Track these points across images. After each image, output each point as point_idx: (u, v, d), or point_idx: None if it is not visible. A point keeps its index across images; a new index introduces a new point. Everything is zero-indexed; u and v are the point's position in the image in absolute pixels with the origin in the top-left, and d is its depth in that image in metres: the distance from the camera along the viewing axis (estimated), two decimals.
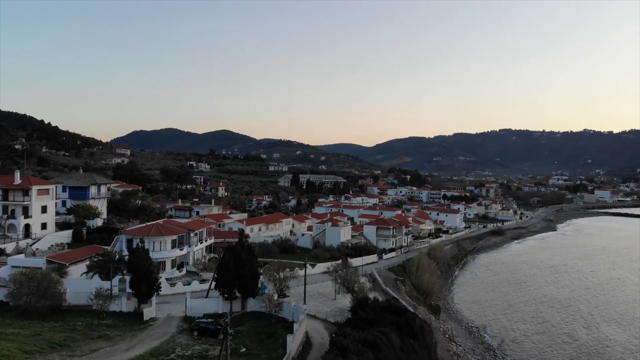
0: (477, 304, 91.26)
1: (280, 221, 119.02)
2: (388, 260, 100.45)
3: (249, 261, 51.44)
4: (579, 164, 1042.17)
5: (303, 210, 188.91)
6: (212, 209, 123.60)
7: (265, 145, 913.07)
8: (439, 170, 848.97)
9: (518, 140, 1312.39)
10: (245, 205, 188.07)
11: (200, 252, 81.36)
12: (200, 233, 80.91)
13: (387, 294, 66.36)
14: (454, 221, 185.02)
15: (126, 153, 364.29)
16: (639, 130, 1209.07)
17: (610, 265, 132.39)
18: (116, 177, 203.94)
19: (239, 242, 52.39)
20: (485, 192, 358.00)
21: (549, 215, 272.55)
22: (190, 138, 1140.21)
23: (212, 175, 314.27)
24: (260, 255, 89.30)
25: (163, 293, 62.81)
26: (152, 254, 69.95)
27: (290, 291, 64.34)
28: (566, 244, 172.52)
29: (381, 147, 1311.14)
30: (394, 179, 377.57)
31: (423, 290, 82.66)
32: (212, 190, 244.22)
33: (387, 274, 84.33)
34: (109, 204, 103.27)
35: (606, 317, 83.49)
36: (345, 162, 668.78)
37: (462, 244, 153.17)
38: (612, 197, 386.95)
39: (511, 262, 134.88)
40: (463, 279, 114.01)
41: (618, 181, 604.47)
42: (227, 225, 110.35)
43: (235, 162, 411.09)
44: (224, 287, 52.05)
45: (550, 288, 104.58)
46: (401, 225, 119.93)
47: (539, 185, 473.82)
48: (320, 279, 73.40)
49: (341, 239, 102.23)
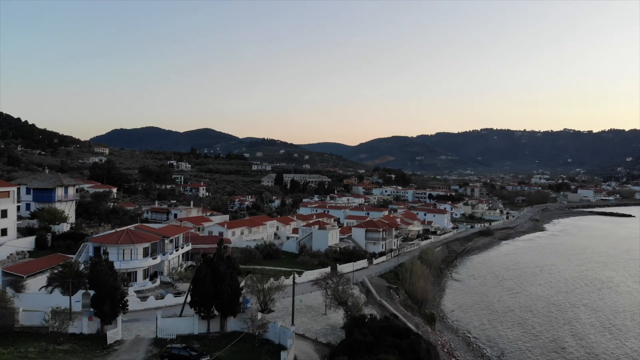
0: (472, 311, 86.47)
1: (263, 224, 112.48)
2: (378, 265, 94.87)
3: (228, 275, 45.09)
4: (559, 163, 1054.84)
5: (287, 211, 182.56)
6: (191, 211, 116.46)
7: (248, 144, 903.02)
8: (422, 170, 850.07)
9: (499, 139, 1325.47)
10: (227, 206, 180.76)
11: (176, 260, 74.53)
12: (176, 239, 74.04)
13: (383, 307, 60.54)
14: (441, 222, 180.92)
15: (104, 152, 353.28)
16: (618, 130, 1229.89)
17: (602, 266, 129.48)
18: (92, 177, 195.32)
19: (217, 253, 45.95)
20: (470, 191, 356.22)
21: (534, 214, 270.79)
22: (172, 137, 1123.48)
23: (193, 174, 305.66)
24: (243, 262, 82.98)
25: (133, 309, 56.00)
26: (122, 264, 63.31)
27: (276, 305, 58.24)
28: (555, 244, 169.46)
29: (365, 146, 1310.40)
30: (379, 178, 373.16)
31: (417, 298, 77.22)
32: (193, 191, 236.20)
33: (379, 281, 78.60)
34: (78, 206, 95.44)
35: (606, 324, 79.26)
36: (329, 161, 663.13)
37: (452, 245, 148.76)
38: (595, 196, 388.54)
39: (502, 265, 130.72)
40: (455, 283, 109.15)
41: (599, 180, 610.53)
42: (207, 228, 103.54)
43: (217, 161, 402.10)
44: (200, 305, 45.56)
45: (545, 291, 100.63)
46: (390, 228, 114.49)
47: (522, 185, 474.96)
48: (308, 289, 67.26)
49: (329, 243, 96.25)
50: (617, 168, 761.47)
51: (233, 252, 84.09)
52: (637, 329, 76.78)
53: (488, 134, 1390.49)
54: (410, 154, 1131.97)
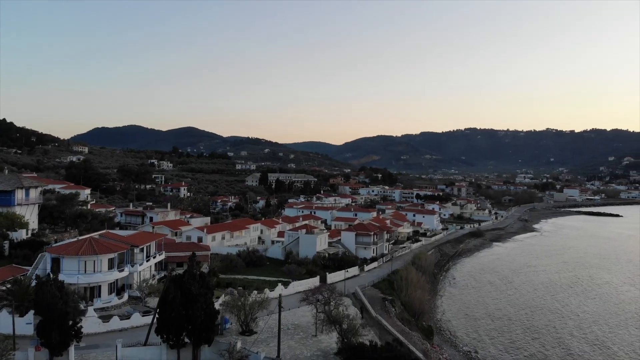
0: (470, 320, 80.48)
1: (246, 227, 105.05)
2: (370, 272, 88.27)
3: (202, 297, 37.84)
4: (542, 163, 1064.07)
5: (272, 212, 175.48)
6: (168, 214, 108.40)
7: (232, 143, 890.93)
8: (407, 169, 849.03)
9: (483, 139, 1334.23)
10: (209, 207, 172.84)
11: (148, 271, 66.85)
12: (148, 247, 66.32)
13: (381, 326, 53.79)
14: (431, 222, 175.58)
15: (84, 150, 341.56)
16: (599, 130, 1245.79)
17: (601, 269, 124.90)
18: (68, 177, 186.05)
19: (188, 270, 38.64)
20: (457, 191, 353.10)
21: (523, 214, 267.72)
22: (155, 135, 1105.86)
23: (174, 174, 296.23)
24: (223, 271, 75.70)
25: (93, 331, 48.58)
26: (83, 278, 55.60)
27: (259, 324, 51.06)
28: (548, 246, 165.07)
29: (350, 145, 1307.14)
30: (366, 178, 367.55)
31: (414, 310, 70.77)
32: (174, 191, 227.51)
33: (372, 292, 71.95)
34: (42, 210, 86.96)
35: (609, 331, 73.93)
36: (314, 160, 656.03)
37: (444, 248, 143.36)
38: (581, 195, 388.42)
39: (496, 268, 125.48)
40: (449, 289, 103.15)
41: (582, 179, 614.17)
42: (185, 233, 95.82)
43: (200, 160, 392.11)
44: (169, 332, 38.24)
45: (543, 297, 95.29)
46: (382, 231, 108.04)
47: (508, 184, 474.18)
48: (295, 303, 60.20)
49: (317, 248, 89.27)
50: (599, 167, 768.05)
51: (212, 261, 76.80)
52: None
53: (472, 133, 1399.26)
54: (395, 153, 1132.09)
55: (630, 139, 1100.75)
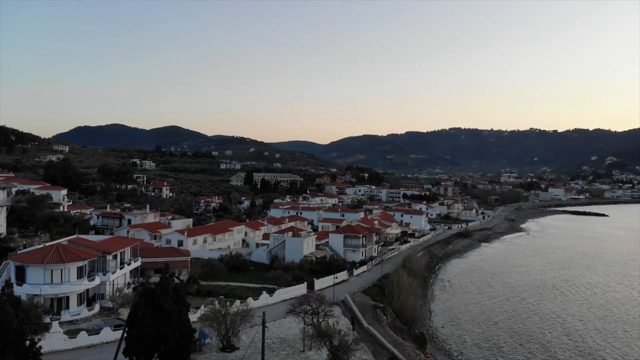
0: (462, 325, 77.63)
1: (230, 230, 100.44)
2: (360, 277, 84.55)
3: (176, 313, 33.66)
4: (525, 162, 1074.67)
5: (257, 213, 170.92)
6: (147, 216, 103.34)
7: (217, 142, 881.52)
8: (392, 168, 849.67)
9: (467, 138, 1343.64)
10: (191, 208, 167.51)
11: (123, 279, 62.16)
12: (122, 254, 61.66)
13: (374, 338, 49.97)
14: (419, 223, 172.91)
15: (64, 149, 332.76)
16: (582, 130, 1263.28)
17: (585, 269, 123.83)
18: (47, 177, 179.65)
19: (160, 284, 34.39)
20: (444, 190, 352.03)
21: (509, 214, 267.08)
22: (137, 134, 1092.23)
23: (157, 174, 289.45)
24: (204, 278, 71.29)
25: (58, 348, 44.11)
26: (48, 289, 50.91)
27: (242, 339, 46.98)
28: (536, 246, 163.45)
29: (336, 144, 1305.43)
30: (352, 178, 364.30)
31: (406, 318, 67.22)
32: (156, 191, 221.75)
33: (362, 299, 68.15)
34: (10, 213, 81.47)
35: (609, 338, 71.40)
36: (300, 159, 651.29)
37: (433, 249, 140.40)
38: (566, 195, 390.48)
39: (485, 269, 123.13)
40: (440, 293, 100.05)
41: (566, 179, 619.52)
42: (165, 236, 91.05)
43: (184, 159, 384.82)
44: (139, 353, 33.98)
45: (533, 299, 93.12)
46: (371, 233, 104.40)
47: (493, 183, 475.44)
48: (280, 312, 56.06)
49: (304, 252, 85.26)
50: (582, 167, 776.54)
51: (193, 266, 72.34)
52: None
53: (456, 133, 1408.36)
54: (380, 153, 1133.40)
55: (612, 139, 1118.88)
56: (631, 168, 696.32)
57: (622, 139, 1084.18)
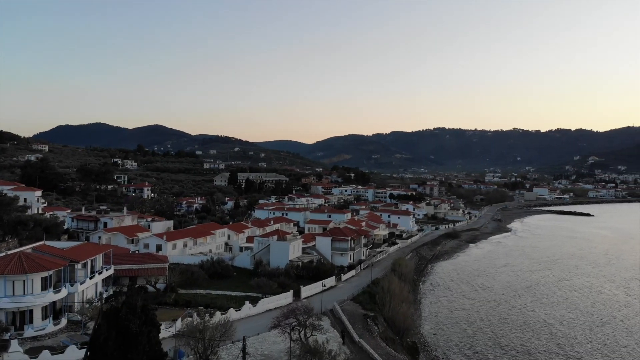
0: (454, 332, 74.52)
1: (211, 233, 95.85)
2: (349, 282, 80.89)
3: (144, 336, 29.46)
4: (509, 162, 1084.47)
5: (242, 214, 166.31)
6: (124, 218, 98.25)
7: (200, 141, 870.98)
8: (378, 168, 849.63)
9: (451, 138, 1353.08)
10: (173, 209, 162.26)
11: (93, 289, 57.53)
12: (93, 261, 57.02)
13: (366, 355, 46.10)
14: (407, 224, 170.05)
15: (44, 149, 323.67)
16: (564, 130, 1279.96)
17: (573, 270, 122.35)
18: (24, 177, 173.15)
19: (127, 302, 30.15)
20: (429, 190, 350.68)
21: (495, 214, 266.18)
22: (120, 133, 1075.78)
23: (138, 173, 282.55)
24: (183, 285, 66.88)
25: None
26: (9, 302, 46.22)
27: (222, 356, 42.86)
28: (524, 247, 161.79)
29: (321, 144, 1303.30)
30: (338, 177, 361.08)
31: (398, 327, 63.64)
32: (137, 191, 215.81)
33: (352, 307, 64.41)
34: None
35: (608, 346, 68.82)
36: (286, 159, 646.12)
37: (421, 251, 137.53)
38: (550, 194, 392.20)
39: (474, 272, 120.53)
40: (430, 296, 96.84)
41: (550, 178, 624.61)
42: (143, 240, 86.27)
43: (166, 159, 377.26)
44: None
45: (526, 303, 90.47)
46: (359, 236, 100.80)
47: (478, 183, 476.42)
48: (265, 325, 52.03)
49: (290, 256, 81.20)
50: (565, 166, 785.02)
51: (171, 273, 67.83)
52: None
53: (441, 133, 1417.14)
54: (366, 153, 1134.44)
55: (594, 139, 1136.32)
56: (613, 168, 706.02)
57: (604, 139, 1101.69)
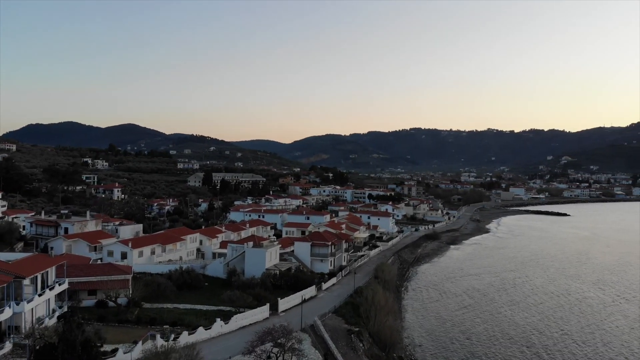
0: (440, 343, 70.24)
1: (182, 239, 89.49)
2: (330, 291, 75.86)
3: None
4: (483, 162, 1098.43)
5: (216, 216, 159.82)
6: (87, 223, 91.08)
7: (175, 141, 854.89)
8: (355, 167, 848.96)
9: (427, 138, 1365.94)
10: (143, 212, 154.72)
11: (44, 306, 51.04)
12: (44, 275, 50.56)
13: None
14: (387, 225, 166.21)
15: (11, 148, 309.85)
16: (537, 130, 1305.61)
17: (555, 272, 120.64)
18: None
19: (64, 338, 24.37)
20: (407, 190, 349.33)
21: (474, 214, 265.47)
22: (93, 132, 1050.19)
23: (109, 174, 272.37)
24: (148, 299, 60.77)
25: None
26: None
27: None
28: (505, 248, 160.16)
29: (299, 144, 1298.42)
30: (316, 177, 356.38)
31: (384, 341, 58.84)
32: (107, 193, 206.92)
33: (335, 321, 59.32)
34: None
35: None
36: (263, 159, 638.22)
37: (403, 254, 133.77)
38: (526, 194, 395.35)
39: (456, 275, 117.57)
40: (414, 304, 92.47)
41: (524, 178, 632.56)
42: (107, 247, 79.55)
43: (138, 158, 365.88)
44: None
45: (510, 309, 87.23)
46: (340, 240, 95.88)
47: (455, 183, 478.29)
48: (237, 344, 46.59)
49: (267, 264, 75.62)
50: (539, 166, 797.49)
51: (135, 285, 61.60)
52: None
53: (417, 133, 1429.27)
54: (343, 152, 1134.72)
55: (567, 139, 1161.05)
56: (585, 167, 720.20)
57: (576, 140, 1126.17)
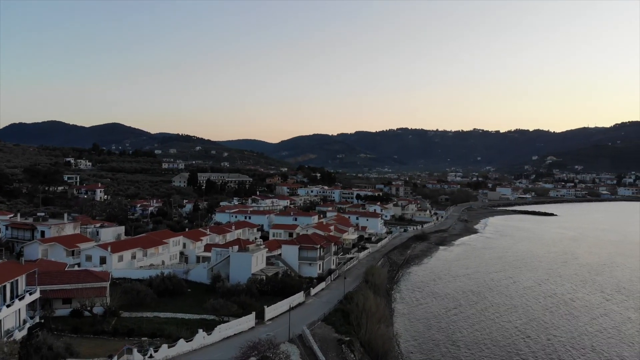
0: (433, 350, 67.88)
1: (164, 242, 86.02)
2: (318, 297, 73.03)
3: None
4: (469, 161, 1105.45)
5: (201, 217, 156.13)
6: (65, 226, 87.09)
7: (160, 140, 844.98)
8: (343, 167, 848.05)
9: (414, 138, 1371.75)
10: (126, 213, 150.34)
11: (14, 317, 47.49)
12: (14, 284, 47.01)
13: None
14: (375, 226, 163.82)
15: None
16: (523, 130, 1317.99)
17: (545, 274, 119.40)
18: None
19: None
20: (395, 190, 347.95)
21: (461, 214, 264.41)
22: (77, 132, 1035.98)
23: (92, 174, 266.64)
24: (127, 307, 57.46)
25: None
26: None
27: None
28: (493, 249, 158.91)
29: (286, 143, 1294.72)
30: (304, 177, 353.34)
31: (376, 351, 56.19)
32: (89, 193, 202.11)
33: (324, 330, 56.53)
34: None
35: None
36: (250, 158, 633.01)
37: (392, 256, 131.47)
38: (513, 194, 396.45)
39: (447, 277, 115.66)
40: (404, 308, 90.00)
41: (510, 178, 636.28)
42: (85, 252, 75.84)
43: (122, 158, 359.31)
44: None
45: (497, 312, 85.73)
46: (329, 243, 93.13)
47: (442, 182, 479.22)
48: (222, 357, 43.67)
49: (252, 269, 72.59)
50: (524, 166, 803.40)
51: (113, 293, 58.16)
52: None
53: (403, 133, 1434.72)
54: (331, 152, 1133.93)
55: (552, 139, 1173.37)
56: (570, 167, 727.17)
57: (561, 140, 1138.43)
